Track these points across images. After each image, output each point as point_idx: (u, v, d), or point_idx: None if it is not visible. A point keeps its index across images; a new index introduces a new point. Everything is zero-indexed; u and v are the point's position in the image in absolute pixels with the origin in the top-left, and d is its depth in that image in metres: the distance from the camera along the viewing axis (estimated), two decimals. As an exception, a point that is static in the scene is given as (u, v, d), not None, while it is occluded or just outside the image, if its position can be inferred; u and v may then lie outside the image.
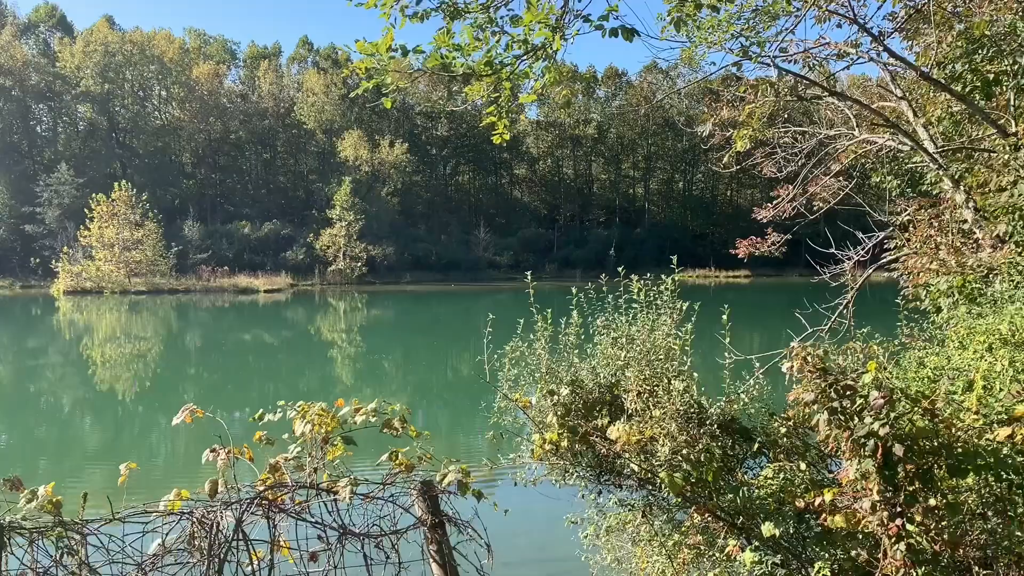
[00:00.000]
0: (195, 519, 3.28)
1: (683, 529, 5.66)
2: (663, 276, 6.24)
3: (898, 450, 3.95)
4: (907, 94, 9.93)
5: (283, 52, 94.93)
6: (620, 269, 6.42)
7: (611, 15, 4.30)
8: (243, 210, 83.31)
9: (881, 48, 8.47)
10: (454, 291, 68.45)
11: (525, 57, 4.42)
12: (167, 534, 3.24)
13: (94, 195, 64.62)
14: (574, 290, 6.36)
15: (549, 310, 6.21)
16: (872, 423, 4.04)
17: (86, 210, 64.51)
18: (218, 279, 66.58)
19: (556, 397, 5.66)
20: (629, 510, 5.97)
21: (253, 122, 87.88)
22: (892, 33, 9.08)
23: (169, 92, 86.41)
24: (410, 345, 36.56)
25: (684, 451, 5.28)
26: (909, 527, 4.01)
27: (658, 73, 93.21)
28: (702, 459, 5.29)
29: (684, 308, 6.14)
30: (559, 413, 5.63)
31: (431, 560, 3.80)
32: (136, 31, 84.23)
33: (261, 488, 3.54)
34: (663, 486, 5.18)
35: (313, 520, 3.53)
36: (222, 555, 3.25)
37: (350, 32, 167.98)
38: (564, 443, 5.55)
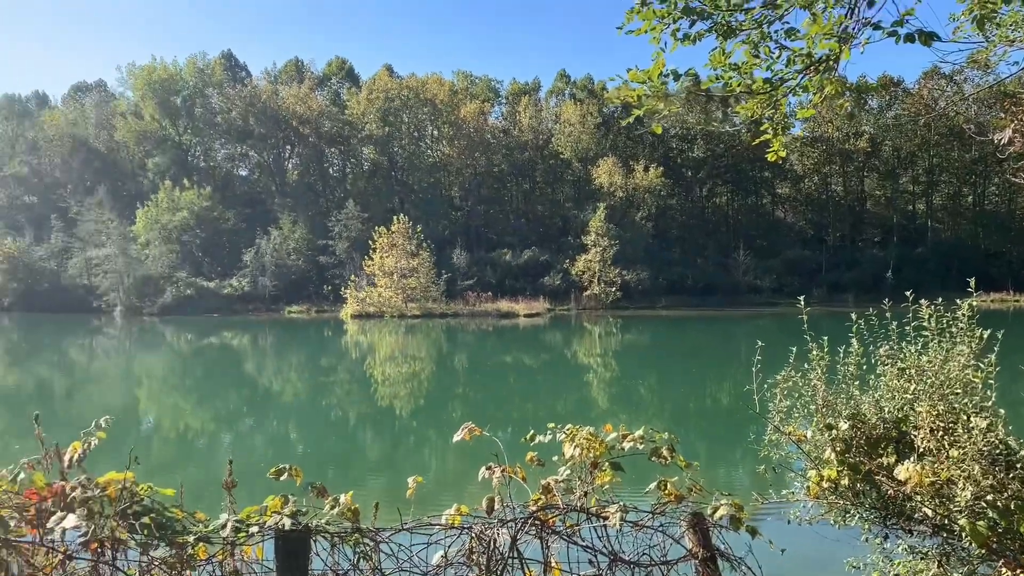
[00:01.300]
0: (474, 534, 3.42)
1: (988, 585, 5.00)
2: (958, 300, 5.58)
3: None
4: None
5: (542, 87, 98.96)
6: (908, 294, 5.83)
7: (905, 19, 3.94)
8: (505, 238, 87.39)
9: None
10: (711, 316, 66.70)
11: (807, 71, 4.17)
12: (449, 547, 3.41)
13: (376, 228, 71.18)
14: (853, 316, 5.89)
15: (826, 338, 5.79)
16: None
17: (369, 242, 71.15)
18: (482, 304, 70.29)
19: (834, 431, 5.25)
20: (921, 558, 5.38)
21: (514, 155, 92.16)
22: None
23: (440, 131, 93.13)
24: (665, 371, 36.09)
25: (989, 497, 4.67)
26: None
27: (940, 79, 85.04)
28: (1012, 507, 4.64)
29: (985, 336, 5.44)
30: (838, 449, 5.21)
31: (702, 595, 3.66)
32: (411, 77, 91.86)
33: (533, 508, 3.62)
34: (963, 534, 4.61)
35: (584, 544, 3.55)
36: (499, 571, 3.36)
37: (606, 63, 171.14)
38: (844, 481, 5.13)
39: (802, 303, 6.10)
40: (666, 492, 3.86)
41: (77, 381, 37.20)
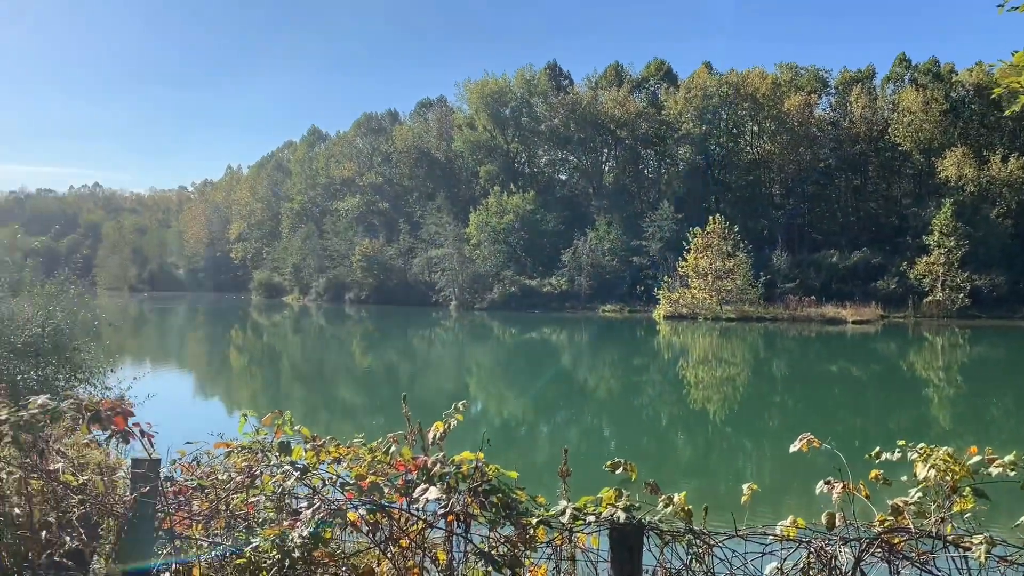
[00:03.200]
0: (812, 549, 3.23)
1: None
2: None
3: None
4: None
5: (877, 73, 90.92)
6: None
7: None
8: (831, 238, 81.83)
9: None
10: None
11: None
12: (784, 559, 3.25)
13: (691, 228, 70.44)
14: None
15: None
16: None
17: (683, 242, 70.63)
18: (805, 308, 66.41)
19: None
20: None
21: (843, 148, 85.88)
22: None
23: (761, 127, 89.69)
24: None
25: None
26: None
27: None
28: None
29: None
30: None
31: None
32: (731, 73, 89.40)
33: (879, 529, 3.33)
34: None
35: (940, 574, 3.19)
36: (839, 592, 3.14)
37: (952, 44, 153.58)
38: None
39: None
40: (1044, 528, 3.34)
41: (419, 366, 41.52)
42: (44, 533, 4.31)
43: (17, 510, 4.44)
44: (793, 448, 3.85)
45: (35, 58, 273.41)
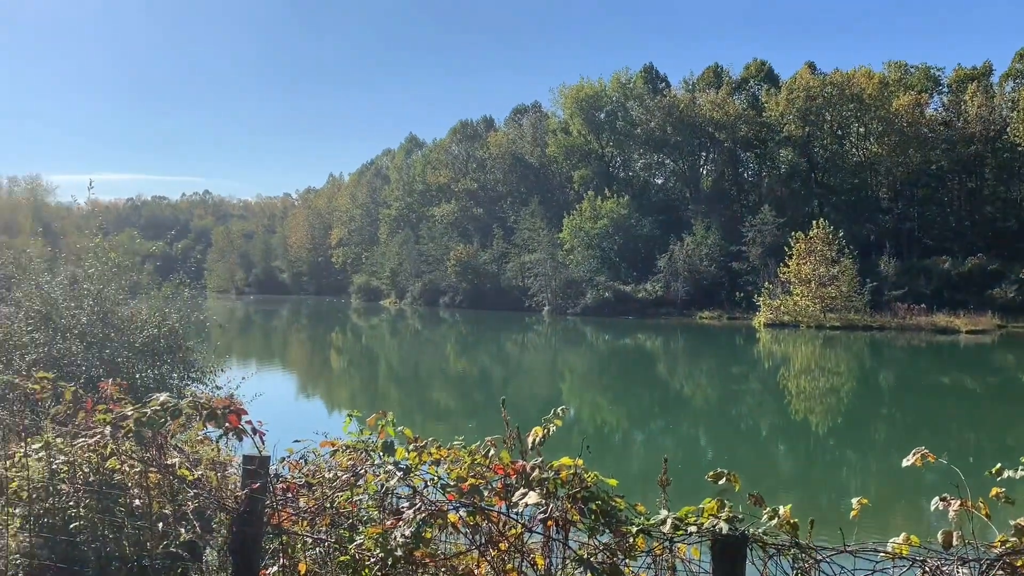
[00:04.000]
0: (928, 569, 3.08)
1: None
2: None
3: None
4: None
5: (995, 70, 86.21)
6: None
7: None
8: (943, 244, 78.02)
9: None
10: None
11: None
12: (898, 578, 3.12)
13: (793, 233, 68.30)
14: None
15: None
16: None
17: (785, 248, 68.55)
18: (914, 317, 63.42)
19: None
20: None
21: (957, 149, 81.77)
22: None
23: (867, 128, 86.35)
24: None
25: None
26: None
27: None
28: None
29: None
30: None
31: None
32: (835, 72, 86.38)
33: (999, 550, 3.15)
34: None
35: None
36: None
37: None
38: None
39: None
40: None
41: (511, 370, 41.77)
42: (161, 524, 4.54)
43: (137, 501, 4.70)
44: (906, 462, 3.68)
45: (148, 72, 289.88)
